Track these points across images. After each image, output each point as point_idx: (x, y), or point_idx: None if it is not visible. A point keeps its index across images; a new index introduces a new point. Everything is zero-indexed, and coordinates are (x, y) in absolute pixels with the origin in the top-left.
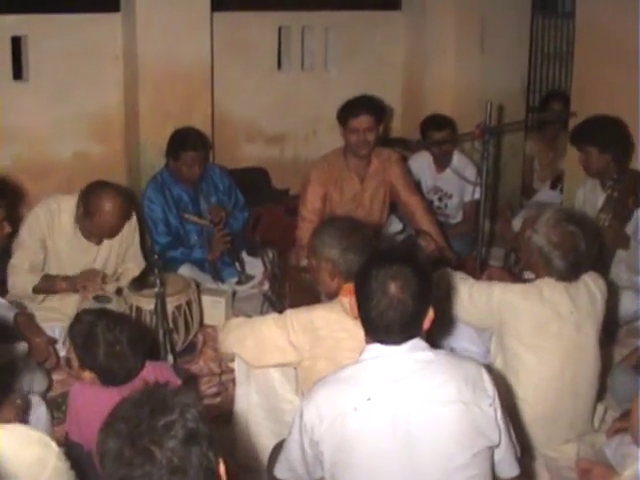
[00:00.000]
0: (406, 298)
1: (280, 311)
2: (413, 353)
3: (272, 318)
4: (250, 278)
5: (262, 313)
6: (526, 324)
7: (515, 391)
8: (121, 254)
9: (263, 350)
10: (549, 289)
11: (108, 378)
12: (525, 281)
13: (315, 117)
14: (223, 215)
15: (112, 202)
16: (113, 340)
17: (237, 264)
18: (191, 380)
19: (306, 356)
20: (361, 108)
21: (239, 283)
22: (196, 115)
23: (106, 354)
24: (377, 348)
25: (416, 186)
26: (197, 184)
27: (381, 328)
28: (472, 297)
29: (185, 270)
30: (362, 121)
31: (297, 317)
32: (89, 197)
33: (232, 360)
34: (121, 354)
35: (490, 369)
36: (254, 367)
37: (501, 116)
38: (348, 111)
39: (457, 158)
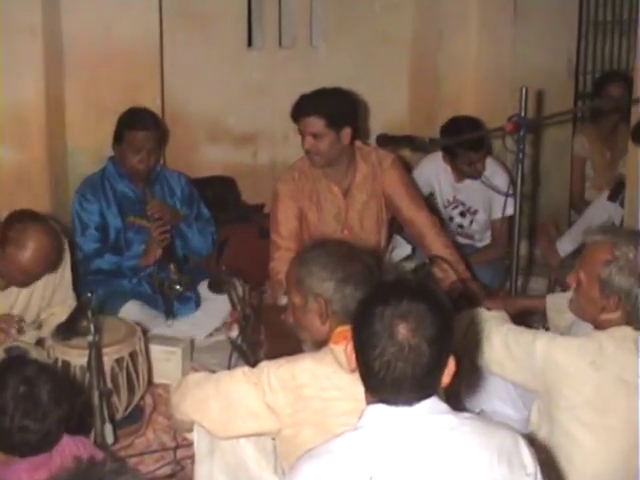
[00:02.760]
0: (420, 344)
1: (253, 364)
2: (429, 417)
3: (242, 373)
4: (186, 285)
5: (230, 367)
6: (582, 393)
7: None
8: (46, 297)
9: (231, 416)
10: (614, 345)
11: (15, 444)
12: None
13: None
14: (167, 214)
15: (35, 244)
16: (26, 392)
17: (171, 266)
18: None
19: (287, 422)
20: (307, 106)
21: (170, 289)
22: None
23: (16, 408)
24: (381, 410)
25: (424, 198)
26: (147, 180)
27: (387, 384)
28: (509, 349)
29: (130, 310)
30: (307, 124)
31: (275, 371)
32: (7, 231)
33: (190, 430)
34: (36, 411)
35: (532, 441)
36: (220, 438)
37: (541, 105)
38: (294, 109)
39: (490, 164)
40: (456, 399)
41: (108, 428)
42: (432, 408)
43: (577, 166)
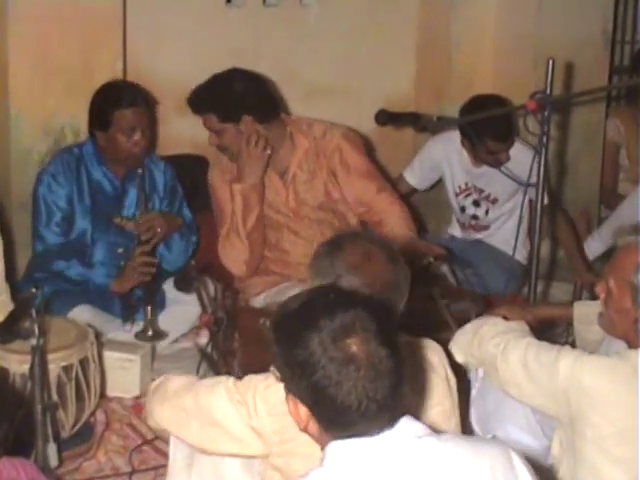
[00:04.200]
0: (377, 353)
1: (225, 373)
2: (406, 443)
3: (226, 389)
4: (159, 336)
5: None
6: (612, 422)
7: None
8: None
9: (213, 437)
10: None
11: None
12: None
13: (285, 77)
14: (157, 230)
15: None
16: None
17: (148, 309)
18: None
19: (275, 450)
20: (196, 103)
21: (141, 335)
22: (99, 74)
23: None
24: (346, 446)
25: (381, 176)
26: (137, 165)
27: (357, 415)
28: (528, 367)
29: (81, 314)
30: (203, 121)
31: (262, 393)
32: None
33: (166, 439)
34: None
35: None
36: (200, 452)
37: (570, 81)
38: (187, 104)
39: (516, 147)
40: (464, 424)
41: (52, 448)
42: (407, 430)
43: (610, 154)
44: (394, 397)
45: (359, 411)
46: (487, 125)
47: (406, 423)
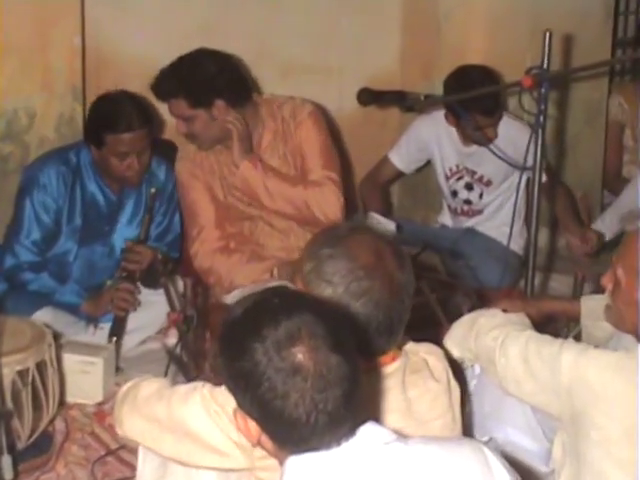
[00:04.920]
0: (327, 358)
1: (195, 377)
2: (368, 451)
3: (201, 397)
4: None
5: None
6: (619, 422)
7: None
8: None
9: (189, 450)
10: None
11: None
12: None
13: (258, 55)
14: (143, 266)
15: None
16: None
17: (112, 340)
18: None
19: (260, 465)
20: (163, 88)
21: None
22: (55, 51)
23: None
24: (304, 461)
25: (336, 157)
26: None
27: (310, 428)
28: (528, 362)
29: (43, 314)
30: (171, 107)
31: None
32: None
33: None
34: None
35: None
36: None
37: (569, 55)
38: (152, 89)
39: (505, 123)
40: (465, 429)
41: (6, 460)
42: (372, 438)
43: (613, 134)
44: (348, 407)
45: (309, 424)
46: (472, 98)
47: (369, 430)
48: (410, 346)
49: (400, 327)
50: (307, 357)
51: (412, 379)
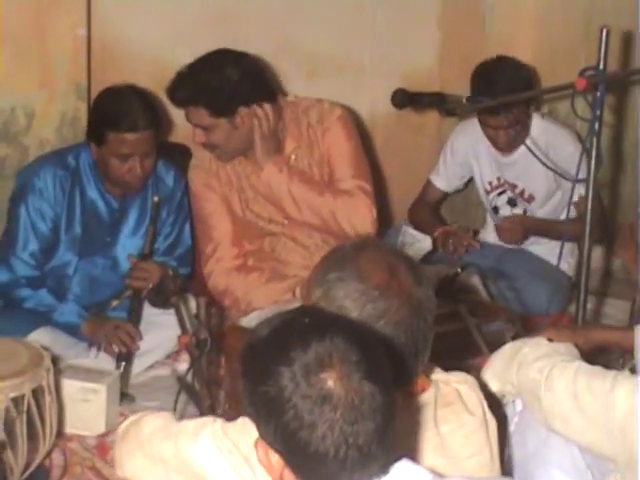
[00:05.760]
0: (360, 389)
1: (208, 407)
2: None
3: (212, 434)
4: (124, 397)
5: (176, 413)
6: None
7: None
8: None
9: None
10: None
11: None
12: None
13: (282, 50)
14: (149, 285)
15: None
16: None
17: (121, 366)
18: None
19: None
20: (181, 93)
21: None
22: (57, 44)
23: None
24: None
25: (367, 166)
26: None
27: (330, 469)
28: (577, 397)
29: (41, 334)
30: (188, 115)
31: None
32: None
33: None
34: None
35: None
36: None
37: (629, 54)
38: (168, 92)
39: (539, 126)
40: (500, 468)
41: None
42: (407, 476)
43: None
44: (381, 442)
45: (337, 459)
46: (477, 93)
47: (404, 468)
48: (440, 375)
49: (426, 348)
50: (338, 384)
51: (444, 413)
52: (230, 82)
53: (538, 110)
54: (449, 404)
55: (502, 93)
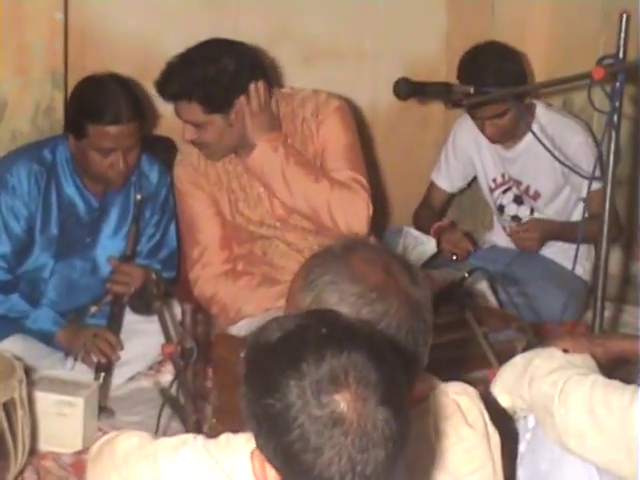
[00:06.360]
0: (374, 415)
1: (195, 425)
2: None
3: (193, 452)
4: (102, 410)
5: (158, 429)
6: None
7: None
8: None
9: None
10: None
11: None
12: None
13: (277, 35)
14: (131, 289)
15: None
16: None
17: (100, 376)
18: None
19: None
20: (172, 87)
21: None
22: (31, 30)
23: None
24: None
25: (364, 164)
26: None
27: None
28: (594, 413)
29: (13, 343)
30: (179, 110)
31: (247, 459)
32: None
33: None
34: None
35: None
36: None
37: None
38: (157, 85)
39: (544, 116)
40: None
41: None
42: None
43: None
44: (388, 473)
45: None
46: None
47: None
48: (437, 386)
49: (426, 351)
50: (351, 408)
51: (442, 426)
52: (226, 76)
53: (549, 101)
54: (448, 417)
55: (488, 82)
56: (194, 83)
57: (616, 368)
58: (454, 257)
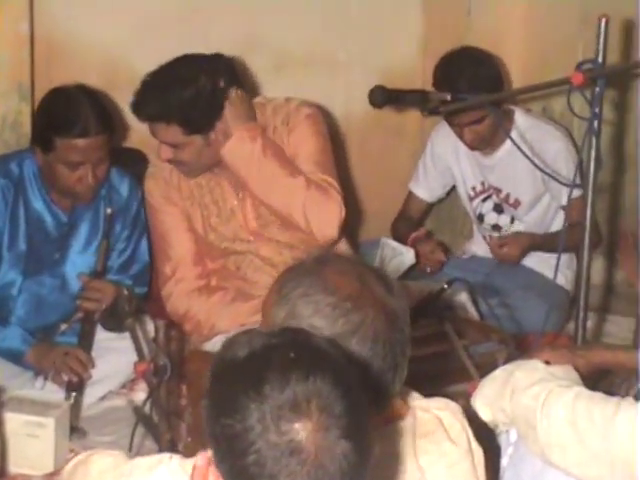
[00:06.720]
0: (333, 447)
1: (170, 444)
2: None
3: (168, 470)
4: (74, 431)
5: (131, 449)
6: None
7: None
8: None
9: None
10: None
11: None
12: None
13: (248, 43)
14: (102, 306)
15: None
16: None
17: (71, 396)
18: None
19: None
20: (149, 108)
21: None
22: None
23: None
24: None
25: (335, 170)
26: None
27: None
28: (576, 426)
29: None
30: (155, 131)
31: None
32: None
33: None
34: None
35: None
36: None
37: (630, 45)
38: (133, 105)
39: (523, 122)
40: None
41: None
42: None
43: None
44: None
45: None
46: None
47: None
48: (418, 402)
49: (404, 363)
50: (311, 438)
51: (423, 442)
52: (205, 94)
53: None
54: (429, 433)
55: (463, 88)
56: (173, 106)
57: (600, 379)
58: (427, 269)
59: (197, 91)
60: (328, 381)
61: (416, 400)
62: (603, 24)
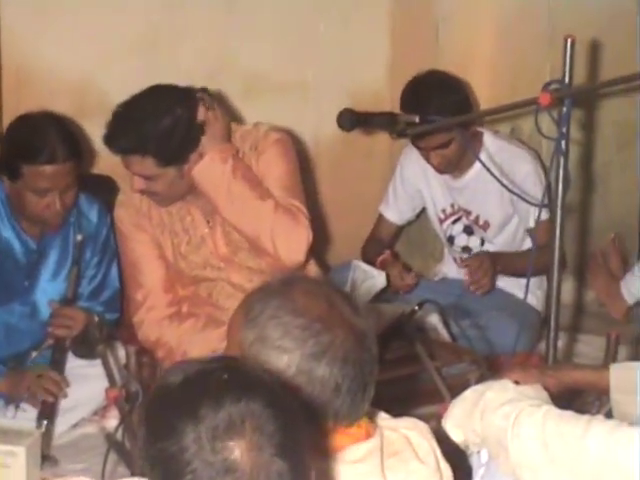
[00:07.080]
0: (268, 466)
1: (141, 467)
2: None
3: None
4: (46, 459)
5: (103, 477)
6: None
7: None
8: None
9: None
10: None
11: None
12: None
13: (216, 67)
14: (72, 333)
15: None
16: None
17: (43, 424)
18: None
19: None
20: (121, 141)
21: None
22: None
23: None
24: None
25: (304, 196)
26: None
27: None
28: (547, 445)
29: None
30: (128, 163)
31: None
32: None
33: None
34: None
35: None
36: None
37: (596, 66)
38: (105, 138)
39: (492, 144)
40: None
41: None
42: None
43: None
44: None
45: None
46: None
47: None
48: (386, 422)
49: (372, 383)
50: (245, 457)
51: (391, 462)
52: (180, 127)
53: (496, 128)
54: (397, 452)
55: (430, 113)
56: (148, 138)
57: (571, 399)
58: (400, 292)
59: (173, 123)
60: (260, 402)
61: (384, 420)
62: (569, 44)
